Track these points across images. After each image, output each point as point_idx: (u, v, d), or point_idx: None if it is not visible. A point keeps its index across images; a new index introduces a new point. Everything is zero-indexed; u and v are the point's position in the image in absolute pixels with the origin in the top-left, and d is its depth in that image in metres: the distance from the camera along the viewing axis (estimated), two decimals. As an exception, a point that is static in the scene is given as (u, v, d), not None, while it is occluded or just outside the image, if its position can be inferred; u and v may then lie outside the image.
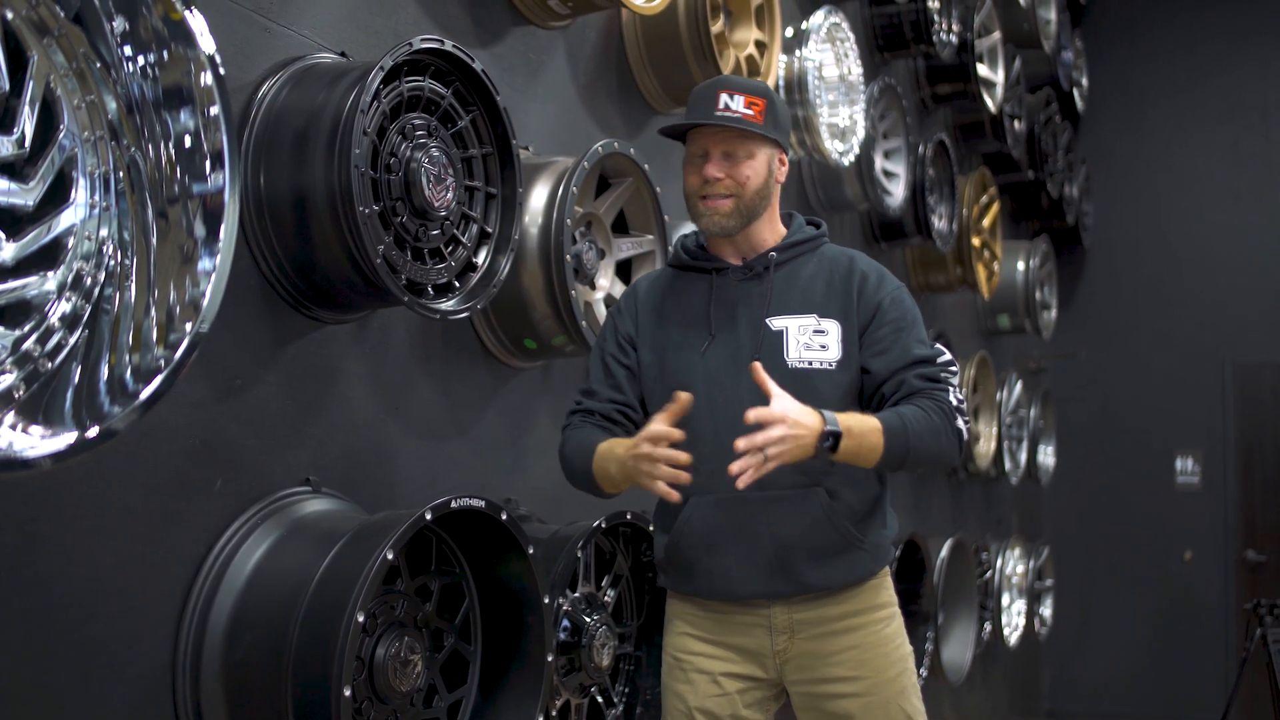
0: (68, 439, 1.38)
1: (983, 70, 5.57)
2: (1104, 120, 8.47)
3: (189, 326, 1.51)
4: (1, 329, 1.44)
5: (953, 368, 2.10)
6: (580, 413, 2.15)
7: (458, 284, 2.17)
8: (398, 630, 1.90)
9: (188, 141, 1.57)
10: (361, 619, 1.72)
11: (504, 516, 2.00)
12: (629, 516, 2.45)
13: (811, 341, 2.07)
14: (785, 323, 2.08)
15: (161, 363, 1.48)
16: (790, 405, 1.87)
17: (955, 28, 5.18)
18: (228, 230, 1.57)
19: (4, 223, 1.46)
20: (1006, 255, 6.37)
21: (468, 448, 2.51)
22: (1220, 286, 7.91)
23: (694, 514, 2.07)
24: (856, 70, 4.11)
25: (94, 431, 1.39)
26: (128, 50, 1.55)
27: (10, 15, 1.46)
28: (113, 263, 1.55)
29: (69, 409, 1.43)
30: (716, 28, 3.18)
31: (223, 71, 1.58)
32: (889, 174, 4.66)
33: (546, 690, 2.07)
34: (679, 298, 2.16)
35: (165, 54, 1.55)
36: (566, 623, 2.33)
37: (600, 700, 2.47)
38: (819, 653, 2.08)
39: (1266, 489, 7.78)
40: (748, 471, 1.83)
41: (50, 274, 1.49)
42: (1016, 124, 6.33)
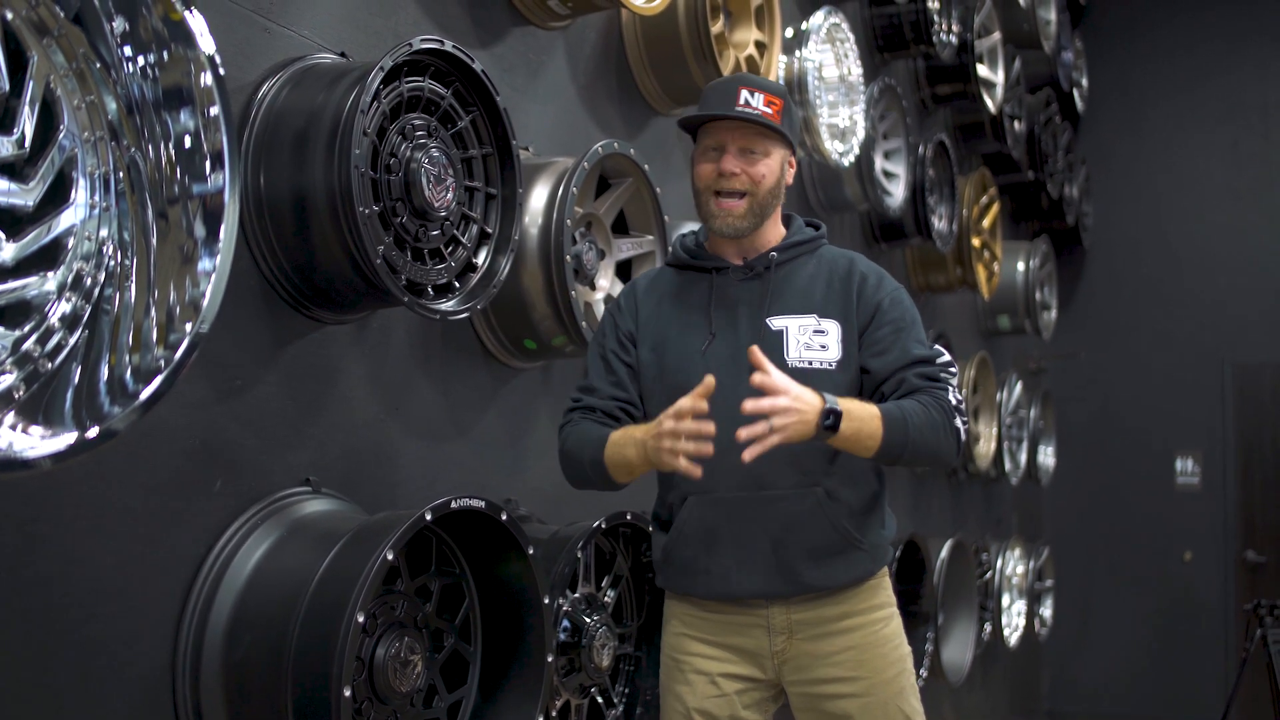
0: (68, 439, 1.38)
1: (983, 71, 5.57)
2: (1104, 121, 8.47)
3: (189, 327, 1.51)
4: (1, 329, 1.44)
5: (952, 368, 2.10)
6: (580, 409, 2.13)
7: (458, 284, 2.17)
8: (398, 630, 1.90)
9: (188, 142, 1.57)
10: (361, 619, 1.72)
11: (504, 517, 2.00)
12: (629, 517, 2.45)
13: (811, 341, 2.07)
14: (785, 322, 2.08)
15: (161, 363, 1.48)
16: (792, 382, 1.88)
17: (955, 28, 5.18)
18: (228, 231, 1.57)
19: (4, 223, 1.46)
20: (1006, 256, 6.37)
21: (468, 448, 2.51)
22: (1220, 287, 7.91)
23: (693, 513, 2.07)
24: (856, 71, 4.11)
25: (94, 432, 1.40)
26: (128, 51, 1.55)
27: (10, 15, 1.46)
28: (113, 263, 1.55)
29: (69, 409, 1.43)
30: (716, 28, 3.18)
31: (223, 72, 1.58)
32: (889, 174, 4.66)
33: (546, 690, 2.07)
34: (679, 296, 2.16)
35: (165, 54, 1.56)
36: (566, 623, 2.33)
37: (600, 701, 2.47)
38: (817, 653, 2.08)
39: (1266, 489, 7.78)
40: (754, 444, 1.82)
41: (50, 274, 1.49)
42: (1016, 124, 6.33)
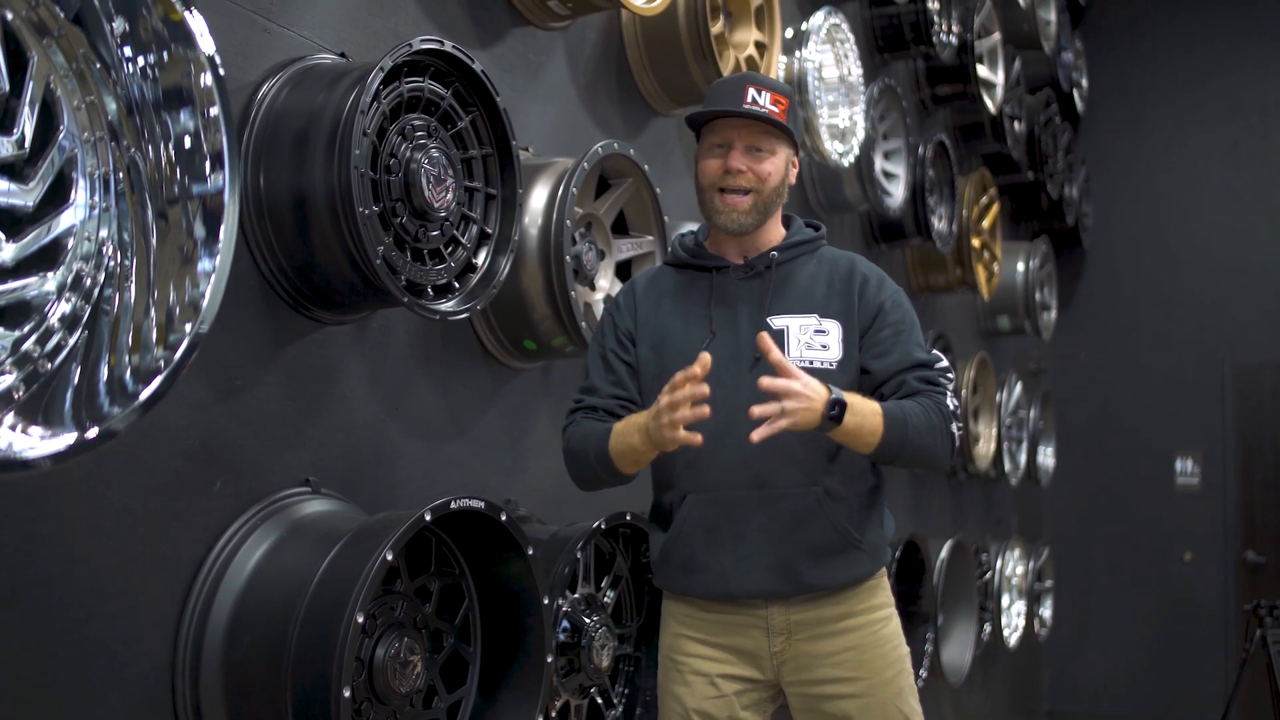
0: (67, 440, 1.38)
1: (982, 71, 5.57)
2: (1104, 121, 8.47)
3: (189, 327, 1.51)
4: (1, 330, 1.44)
5: (949, 374, 2.12)
6: (582, 410, 2.13)
7: (457, 285, 2.17)
8: (397, 631, 1.90)
9: (187, 142, 1.57)
10: (361, 620, 1.72)
11: (504, 517, 2.00)
12: (629, 517, 2.45)
13: (813, 341, 2.07)
14: (786, 322, 2.08)
15: (161, 363, 1.48)
16: (801, 371, 1.89)
17: (955, 29, 5.18)
18: (227, 231, 1.57)
19: (4, 223, 1.46)
20: (1006, 256, 6.37)
21: (467, 448, 2.51)
22: (1220, 287, 7.91)
23: (693, 511, 2.07)
24: (856, 71, 4.11)
25: (94, 432, 1.40)
26: (128, 51, 1.55)
27: (10, 16, 1.46)
28: (112, 263, 1.55)
29: (69, 410, 1.43)
30: (716, 29, 3.18)
31: (222, 72, 1.58)
32: (889, 175, 4.66)
33: (546, 691, 2.07)
34: (678, 295, 2.16)
35: (165, 55, 1.56)
36: (566, 623, 2.33)
37: (600, 701, 2.47)
38: (817, 654, 2.08)
39: (1266, 490, 7.78)
40: (764, 425, 1.83)
41: (50, 275, 1.49)
42: (1016, 125, 6.33)
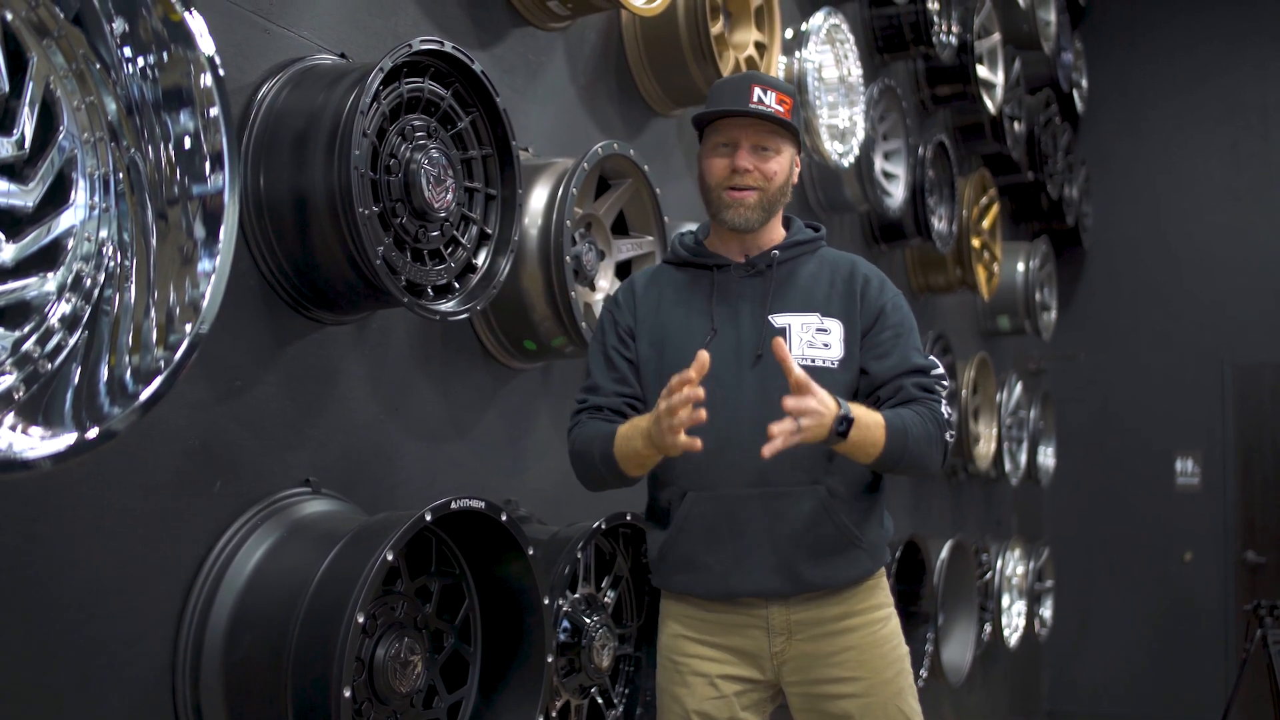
0: (67, 440, 1.38)
1: (982, 72, 5.57)
2: (1103, 122, 8.47)
3: (189, 327, 1.51)
4: (1, 330, 1.44)
5: (945, 380, 2.13)
6: (587, 410, 2.12)
7: (457, 285, 2.18)
8: (397, 631, 1.90)
9: (187, 143, 1.57)
10: (361, 620, 1.72)
11: (504, 517, 2.00)
12: (629, 518, 2.45)
13: (815, 340, 2.07)
14: (788, 320, 2.08)
15: (161, 364, 1.48)
16: (815, 384, 1.87)
17: (955, 29, 5.18)
18: (227, 231, 1.57)
19: (4, 224, 1.46)
20: (1006, 256, 6.37)
21: (467, 449, 2.51)
22: (1219, 288, 7.91)
23: (693, 509, 2.06)
24: (856, 72, 4.11)
25: (94, 432, 1.40)
26: (127, 51, 1.55)
27: (10, 16, 1.46)
28: (112, 264, 1.55)
29: (69, 410, 1.43)
30: (716, 29, 3.18)
31: (222, 73, 1.58)
32: (889, 175, 4.67)
33: (546, 691, 2.07)
34: (679, 293, 2.16)
35: (165, 55, 1.56)
36: (566, 623, 2.33)
37: (600, 701, 2.47)
38: (817, 654, 2.08)
39: (1266, 490, 7.78)
40: (777, 439, 1.82)
41: (50, 275, 1.49)
42: (1016, 125, 6.33)
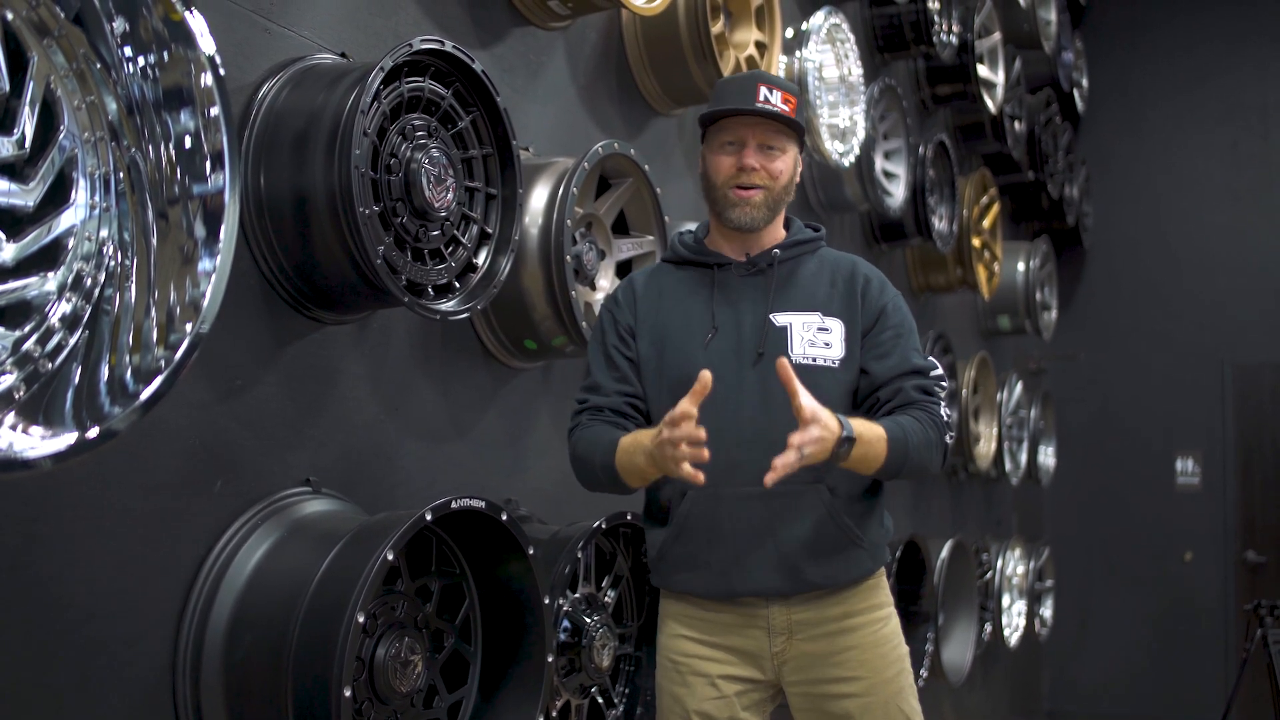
0: (68, 440, 1.38)
1: (983, 71, 5.57)
2: (1104, 121, 8.47)
3: (189, 327, 1.51)
4: (2, 330, 1.44)
5: (944, 382, 2.14)
6: (588, 410, 2.11)
7: (458, 285, 2.17)
8: (398, 631, 1.90)
9: (188, 142, 1.57)
10: (362, 619, 1.72)
11: (504, 517, 2.00)
12: (629, 517, 2.45)
13: (816, 339, 2.07)
14: (789, 319, 2.08)
15: (162, 363, 1.48)
16: (820, 406, 1.86)
17: (955, 29, 5.18)
18: (228, 231, 1.57)
19: (4, 223, 1.46)
20: (1007, 256, 6.37)
21: (468, 448, 2.51)
22: (1219, 287, 7.92)
23: (694, 508, 2.06)
24: (857, 71, 4.11)
25: (94, 432, 1.39)
26: (128, 51, 1.55)
27: (10, 16, 1.46)
28: (113, 263, 1.55)
29: (69, 410, 1.43)
30: (716, 28, 3.18)
31: (223, 72, 1.58)
32: (889, 175, 4.66)
33: (546, 691, 2.07)
34: (679, 292, 2.15)
35: (165, 55, 1.56)
36: (567, 623, 2.33)
37: (600, 701, 2.47)
38: (818, 653, 2.08)
39: (1266, 490, 7.78)
40: (779, 470, 1.82)
41: (50, 275, 1.49)
42: (1017, 125, 6.33)
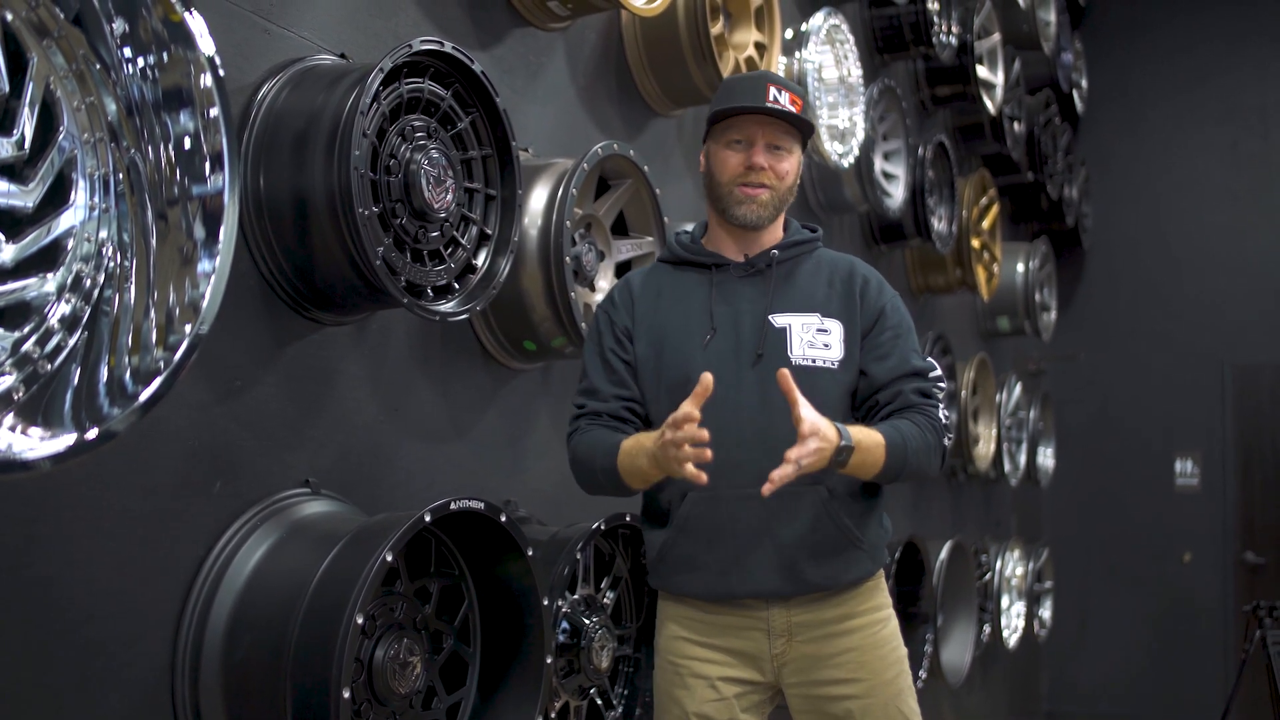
0: (67, 441, 1.38)
1: (982, 72, 5.57)
2: (1103, 122, 8.47)
3: (188, 328, 1.51)
4: (1, 330, 1.44)
5: (942, 383, 2.14)
6: (586, 415, 2.11)
7: (457, 286, 2.17)
8: (397, 632, 1.90)
9: (187, 143, 1.57)
10: (360, 621, 1.72)
11: (503, 518, 2.00)
12: (628, 519, 2.45)
13: (815, 340, 2.07)
14: (788, 320, 2.08)
15: (161, 364, 1.48)
16: (819, 418, 1.86)
17: (955, 29, 5.18)
18: (227, 232, 1.57)
19: (3, 224, 1.46)
20: (1006, 257, 6.38)
21: (467, 449, 2.51)
22: (1219, 288, 7.92)
23: (693, 510, 2.06)
24: (856, 72, 4.11)
25: (93, 433, 1.40)
26: (127, 52, 1.55)
27: (10, 17, 1.46)
28: (112, 264, 1.55)
29: (68, 411, 1.43)
30: (716, 29, 3.18)
31: (222, 73, 1.58)
32: (889, 176, 4.67)
33: (545, 692, 2.07)
34: (677, 292, 2.15)
35: (165, 56, 1.56)
36: (565, 624, 2.33)
37: (599, 702, 2.47)
38: (818, 655, 2.08)
39: (1266, 491, 7.78)
40: (777, 482, 1.82)
41: (50, 276, 1.49)
42: (1016, 126, 6.33)
